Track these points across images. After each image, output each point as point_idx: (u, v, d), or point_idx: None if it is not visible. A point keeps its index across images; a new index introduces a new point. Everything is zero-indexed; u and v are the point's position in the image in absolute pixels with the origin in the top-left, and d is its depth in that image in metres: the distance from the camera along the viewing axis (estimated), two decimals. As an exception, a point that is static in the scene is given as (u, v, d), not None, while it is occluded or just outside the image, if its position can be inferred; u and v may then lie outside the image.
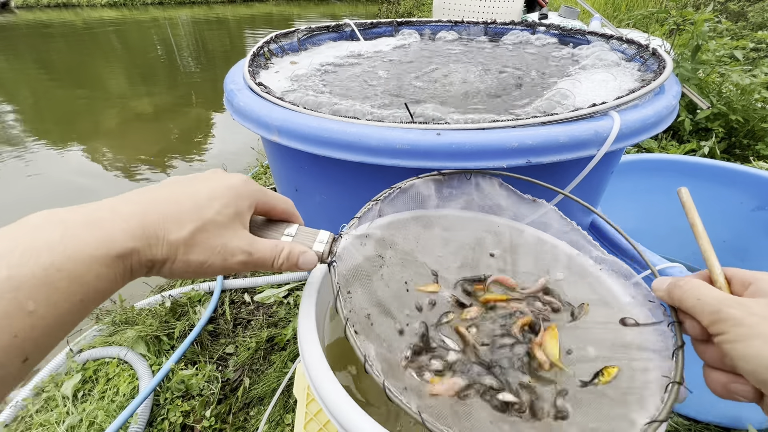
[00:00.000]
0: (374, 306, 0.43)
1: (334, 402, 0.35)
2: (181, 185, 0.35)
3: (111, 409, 1.05)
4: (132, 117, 3.87)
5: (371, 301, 0.43)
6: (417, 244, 0.51)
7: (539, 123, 0.55)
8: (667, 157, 1.19)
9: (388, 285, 0.45)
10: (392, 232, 0.50)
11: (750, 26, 3.92)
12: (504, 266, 0.51)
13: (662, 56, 0.75)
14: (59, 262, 0.25)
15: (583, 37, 1.01)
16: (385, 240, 0.49)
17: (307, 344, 0.39)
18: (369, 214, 0.49)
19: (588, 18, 3.21)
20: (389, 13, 7.75)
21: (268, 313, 1.37)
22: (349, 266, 0.43)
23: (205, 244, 0.33)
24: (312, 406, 0.68)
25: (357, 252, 0.45)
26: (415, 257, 0.50)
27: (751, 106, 1.94)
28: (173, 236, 0.31)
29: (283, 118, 0.60)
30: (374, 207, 0.49)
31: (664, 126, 0.62)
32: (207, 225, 0.33)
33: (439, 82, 0.84)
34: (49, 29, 8.78)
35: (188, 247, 0.32)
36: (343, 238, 0.43)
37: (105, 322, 1.32)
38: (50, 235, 0.26)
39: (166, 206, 0.32)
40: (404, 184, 0.51)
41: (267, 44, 0.94)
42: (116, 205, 0.31)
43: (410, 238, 0.51)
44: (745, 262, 1.18)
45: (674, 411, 0.97)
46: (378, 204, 0.49)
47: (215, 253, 0.34)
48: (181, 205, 0.33)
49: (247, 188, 0.37)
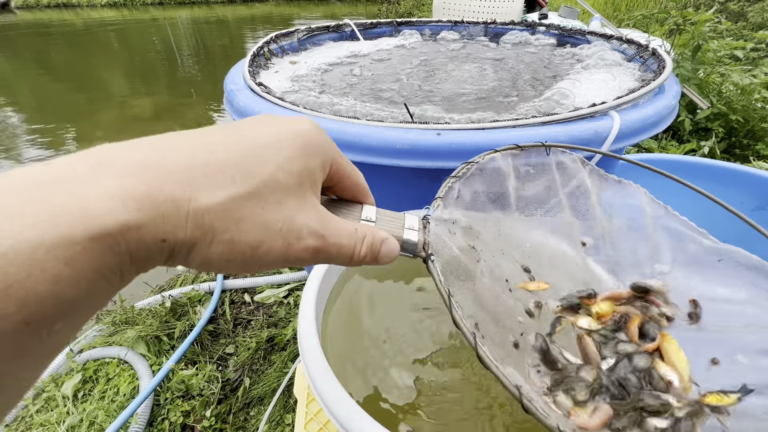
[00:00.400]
0: (482, 311, 0.33)
1: (334, 402, 0.35)
2: (219, 130, 0.22)
3: (111, 409, 1.05)
4: (132, 117, 3.87)
5: (477, 306, 0.33)
6: (500, 234, 0.41)
7: (539, 123, 0.55)
8: (667, 157, 1.19)
9: (490, 284, 0.36)
10: (475, 218, 0.39)
11: (750, 26, 3.92)
12: (597, 255, 0.43)
13: (662, 56, 0.75)
14: None
15: (582, 37, 1.01)
16: (472, 228, 0.38)
17: (307, 344, 0.39)
18: (450, 195, 0.38)
19: (588, 18, 3.21)
20: (389, 13, 7.75)
21: (268, 313, 1.37)
22: (444, 260, 0.32)
23: (257, 218, 0.21)
24: (312, 406, 0.68)
25: (450, 242, 0.34)
26: (501, 249, 0.40)
27: (751, 106, 1.94)
28: (204, 202, 0.19)
29: (283, 118, 0.60)
30: (454, 185, 0.39)
31: (663, 126, 0.62)
32: (262, 188, 0.21)
33: (438, 82, 0.84)
34: (49, 29, 8.79)
35: (231, 222, 0.20)
36: (431, 224, 0.33)
37: (105, 322, 1.32)
38: None
39: (194, 154, 0.20)
40: (482, 158, 0.42)
41: (267, 44, 0.94)
42: (108, 153, 0.19)
43: (490, 225, 0.41)
44: (745, 262, 1.18)
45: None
46: (458, 182, 0.39)
47: (274, 233, 0.21)
48: (220, 154, 0.20)
49: (320, 139, 0.24)
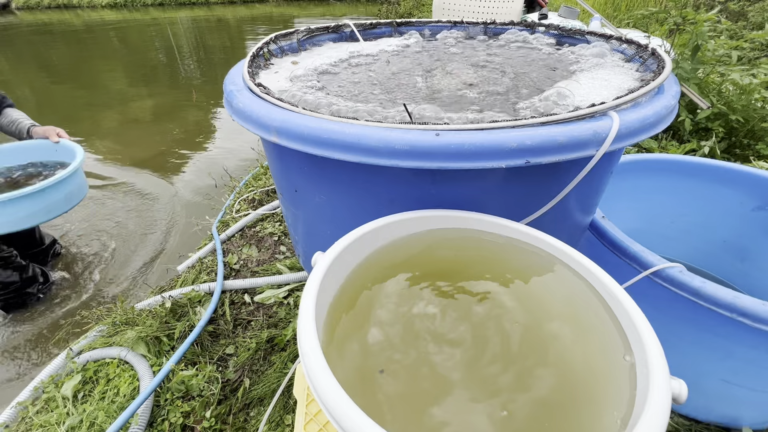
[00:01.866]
0: None
1: (333, 402, 0.35)
2: None
3: (111, 409, 1.05)
4: (132, 117, 3.87)
5: None
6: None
7: (538, 123, 0.55)
8: (667, 157, 1.19)
9: None
10: None
11: (750, 26, 3.91)
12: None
13: (661, 56, 0.75)
14: None
15: (582, 37, 1.01)
16: None
17: (307, 345, 0.39)
18: None
19: (588, 18, 3.21)
20: (389, 13, 7.75)
21: (268, 314, 1.37)
22: None
23: None
24: (312, 407, 0.68)
25: None
26: None
27: (751, 106, 1.94)
28: None
29: (282, 119, 0.60)
30: None
31: (663, 126, 0.62)
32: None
33: (437, 82, 0.84)
34: (50, 29, 8.78)
35: None
36: None
37: (105, 323, 1.32)
38: None
39: None
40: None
41: (267, 45, 0.94)
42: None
43: None
44: (745, 262, 1.18)
45: (675, 411, 0.97)
46: None
47: None
48: None
49: None
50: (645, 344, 0.41)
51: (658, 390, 0.36)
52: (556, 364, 0.46)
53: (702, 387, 0.85)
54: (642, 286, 0.79)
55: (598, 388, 0.43)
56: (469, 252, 0.61)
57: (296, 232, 0.89)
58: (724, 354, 0.78)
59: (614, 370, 0.43)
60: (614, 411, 0.40)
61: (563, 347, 0.47)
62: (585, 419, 0.40)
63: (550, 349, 0.47)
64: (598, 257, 0.66)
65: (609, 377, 0.43)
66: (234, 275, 1.56)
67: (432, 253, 0.61)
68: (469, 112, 0.69)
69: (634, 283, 0.80)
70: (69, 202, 1.70)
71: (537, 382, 0.43)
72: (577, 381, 0.44)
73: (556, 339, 0.48)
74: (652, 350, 0.40)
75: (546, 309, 0.53)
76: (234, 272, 1.58)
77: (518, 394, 0.42)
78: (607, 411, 0.40)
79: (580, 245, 0.89)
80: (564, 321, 0.50)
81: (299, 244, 0.92)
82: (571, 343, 0.48)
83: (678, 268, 0.76)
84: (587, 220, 0.85)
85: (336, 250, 0.53)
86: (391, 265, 0.58)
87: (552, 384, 0.43)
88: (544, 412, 0.41)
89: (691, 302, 0.74)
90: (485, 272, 0.58)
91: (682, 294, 0.75)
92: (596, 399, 0.42)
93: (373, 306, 0.52)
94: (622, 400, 0.40)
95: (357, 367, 0.45)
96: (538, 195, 0.65)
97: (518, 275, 0.57)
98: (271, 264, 1.60)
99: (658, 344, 0.41)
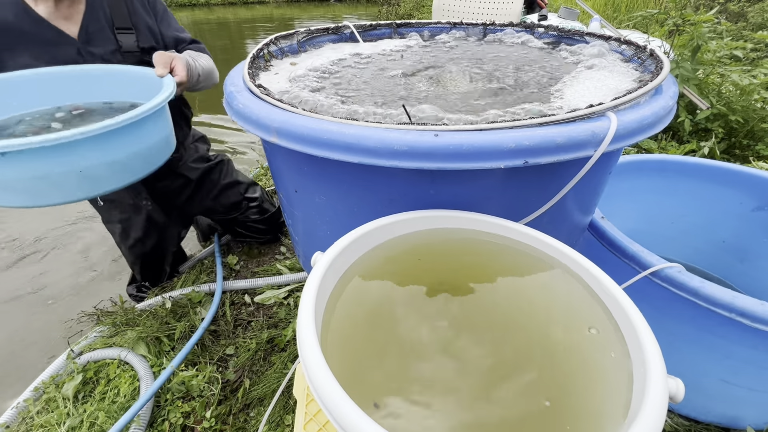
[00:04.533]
0: None
1: (333, 402, 0.35)
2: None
3: (112, 410, 1.05)
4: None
5: None
6: None
7: (536, 124, 0.56)
8: (667, 157, 1.19)
9: None
10: None
11: (750, 26, 3.92)
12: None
13: (660, 57, 0.75)
14: None
15: (581, 38, 1.01)
16: None
17: (307, 345, 0.39)
18: None
19: (587, 19, 3.21)
20: (389, 14, 7.76)
21: (268, 314, 1.37)
22: None
23: None
24: (312, 407, 0.68)
25: None
26: None
27: (750, 107, 1.95)
28: None
29: (281, 119, 0.61)
30: None
31: (661, 126, 0.62)
32: None
33: (437, 84, 0.84)
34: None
35: None
36: None
37: (106, 323, 1.33)
38: None
39: None
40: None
41: (267, 46, 0.95)
42: None
43: None
44: (744, 262, 1.18)
45: (674, 411, 0.97)
46: None
47: None
48: None
49: None
50: (642, 344, 0.41)
51: (655, 388, 0.36)
52: (553, 363, 0.46)
53: (701, 387, 0.85)
54: (641, 286, 0.80)
55: (596, 388, 0.43)
56: (467, 252, 0.62)
57: (296, 232, 0.89)
58: (724, 354, 0.78)
59: (611, 370, 0.44)
60: (611, 409, 0.40)
61: (561, 347, 0.47)
62: (582, 420, 0.40)
63: (547, 348, 0.47)
64: (597, 257, 0.66)
65: (606, 377, 0.43)
66: (234, 276, 1.56)
67: (431, 253, 0.61)
68: (467, 112, 0.69)
69: (633, 283, 0.80)
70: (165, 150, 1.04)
71: (533, 382, 0.44)
72: (575, 381, 0.44)
73: (554, 339, 0.48)
74: (650, 350, 0.40)
75: (544, 309, 0.53)
76: (234, 273, 1.58)
77: (514, 395, 0.43)
78: (605, 410, 0.40)
79: (579, 245, 0.89)
80: (561, 321, 0.51)
81: (299, 245, 0.92)
82: (568, 342, 0.48)
83: (677, 268, 0.76)
84: (586, 220, 0.86)
85: (336, 250, 0.53)
86: (390, 265, 0.58)
87: (549, 384, 0.43)
88: (541, 412, 0.41)
89: (690, 302, 0.74)
90: (484, 272, 0.58)
91: (681, 294, 0.75)
92: (593, 399, 0.42)
93: (373, 306, 0.52)
94: (619, 399, 0.40)
95: (356, 367, 0.45)
96: (537, 195, 0.65)
97: (517, 275, 0.57)
98: (271, 265, 1.60)
99: (656, 344, 0.41)
